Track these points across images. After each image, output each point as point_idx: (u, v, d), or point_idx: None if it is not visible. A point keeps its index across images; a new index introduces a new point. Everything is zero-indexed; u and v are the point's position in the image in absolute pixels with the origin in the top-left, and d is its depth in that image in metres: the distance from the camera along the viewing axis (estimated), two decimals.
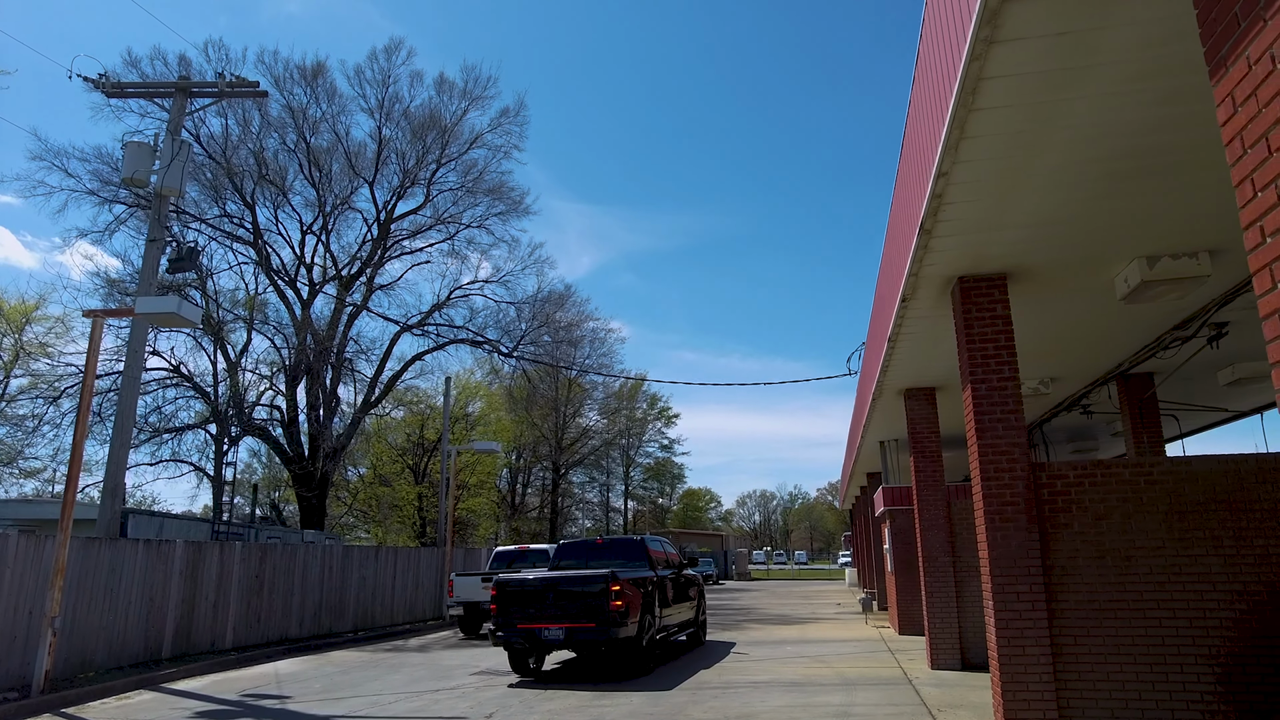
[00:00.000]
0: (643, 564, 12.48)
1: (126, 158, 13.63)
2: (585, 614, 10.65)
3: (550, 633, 10.75)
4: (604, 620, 10.57)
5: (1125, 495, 6.77)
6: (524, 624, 10.89)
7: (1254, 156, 2.40)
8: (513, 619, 10.96)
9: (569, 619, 10.71)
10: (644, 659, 11.27)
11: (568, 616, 10.72)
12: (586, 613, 10.65)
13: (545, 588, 10.99)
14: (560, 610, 10.79)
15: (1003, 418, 7.01)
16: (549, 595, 10.92)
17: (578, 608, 10.72)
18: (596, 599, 10.65)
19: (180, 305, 10.51)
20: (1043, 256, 6.87)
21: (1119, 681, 6.45)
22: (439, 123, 28.75)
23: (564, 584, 10.93)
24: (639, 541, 13.21)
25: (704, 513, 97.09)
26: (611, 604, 10.60)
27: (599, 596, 10.65)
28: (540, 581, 11.10)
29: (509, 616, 10.98)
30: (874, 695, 9.25)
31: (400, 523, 39.52)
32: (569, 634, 10.68)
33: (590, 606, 10.65)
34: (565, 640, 10.76)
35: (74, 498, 10.41)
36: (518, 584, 11.18)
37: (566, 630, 10.67)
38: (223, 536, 19.58)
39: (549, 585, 11.00)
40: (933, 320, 8.56)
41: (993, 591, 6.74)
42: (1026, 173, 5.31)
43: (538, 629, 10.81)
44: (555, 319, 32.91)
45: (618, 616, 10.58)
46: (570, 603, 10.77)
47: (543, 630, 10.79)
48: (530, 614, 10.92)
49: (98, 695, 10.25)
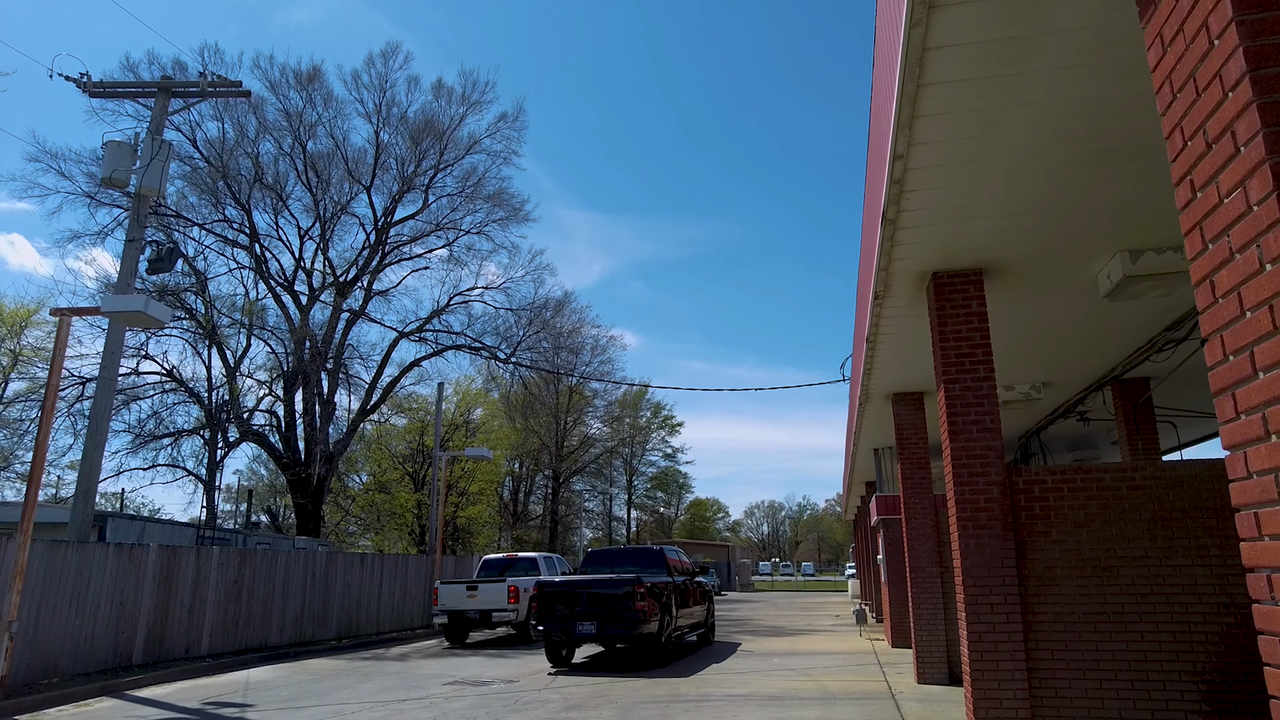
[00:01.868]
0: (661, 571, 13.98)
1: (106, 157, 13.49)
2: (614, 612, 12.26)
3: (584, 627, 12.36)
4: (630, 618, 12.18)
5: (1106, 502, 6.42)
6: (561, 620, 12.53)
7: (1183, 101, 2.10)
8: (552, 616, 12.61)
9: (600, 617, 12.33)
10: (663, 653, 12.87)
11: (599, 614, 12.34)
12: (615, 611, 12.25)
13: (580, 589, 12.60)
14: (592, 609, 12.40)
15: (978, 419, 6.68)
16: (583, 596, 12.52)
17: (607, 607, 12.31)
18: (624, 600, 12.23)
19: (147, 304, 10.30)
20: (1018, 250, 6.55)
21: (1098, 699, 6.08)
22: (436, 128, 28.65)
23: (596, 586, 12.52)
24: (659, 551, 14.76)
25: (711, 523, 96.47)
26: (637, 605, 12.19)
27: (626, 598, 12.22)
28: (576, 584, 12.73)
29: (549, 613, 12.65)
30: (853, 711, 8.88)
31: (398, 530, 39.29)
32: (600, 628, 12.30)
33: (618, 606, 12.24)
34: (596, 634, 12.37)
35: (35, 499, 10.18)
36: (556, 586, 12.84)
37: (598, 625, 12.30)
38: (208, 542, 19.37)
39: (583, 587, 12.60)
40: (913, 320, 8.23)
41: (965, 602, 6.40)
42: (990, 155, 5.00)
43: (573, 624, 12.43)
44: (553, 325, 32.65)
45: (642, 615, 12.20)
46: (601, 603, 12.37)
47: (577, 625, 12.41)
48: (567, 612, 12.55)
49: (56, 702, 9.99)
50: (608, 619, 12.27)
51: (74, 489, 12.98)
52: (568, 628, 12.45)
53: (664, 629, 12.89)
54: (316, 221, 28.91)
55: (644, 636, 12.34)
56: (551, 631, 12.60)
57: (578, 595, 12.56)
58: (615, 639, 12.43)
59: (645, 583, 12.45)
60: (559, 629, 12.52)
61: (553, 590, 12.81)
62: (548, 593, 12.83)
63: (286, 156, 28.03)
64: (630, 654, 14.14)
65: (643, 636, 12.32)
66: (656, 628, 12.56)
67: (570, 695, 10.21)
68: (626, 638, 12.30)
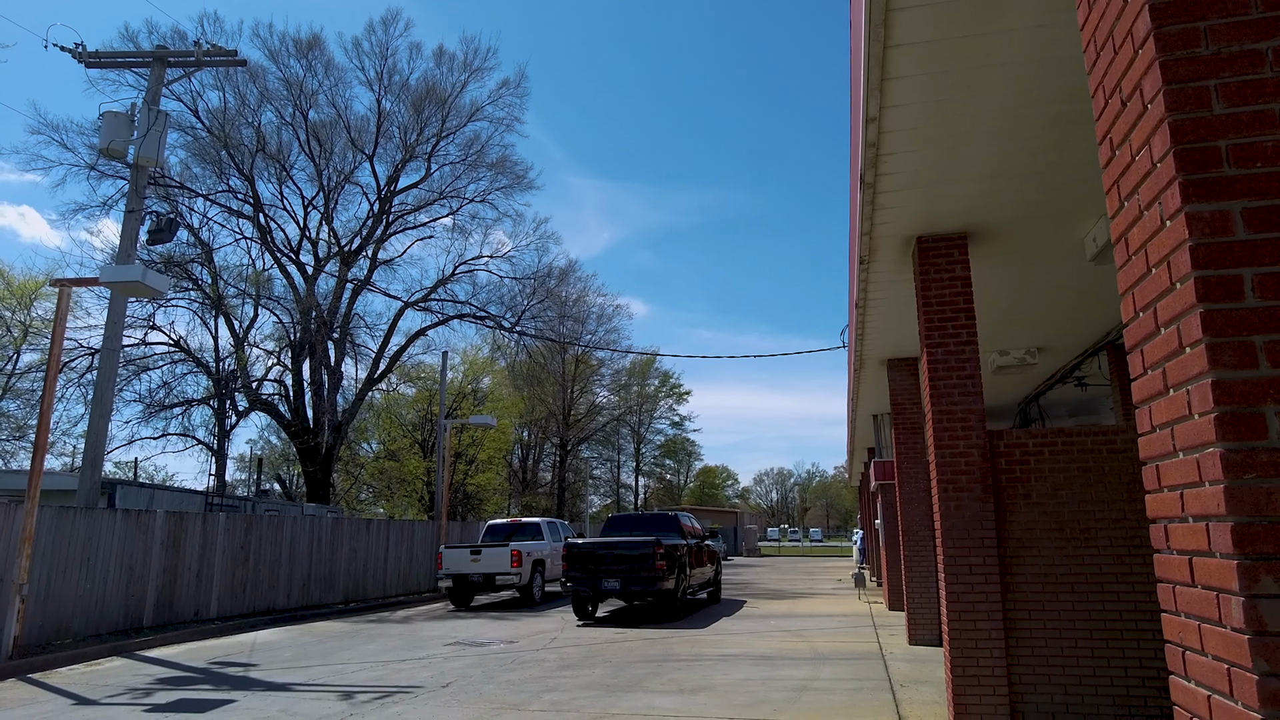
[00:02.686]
0: (676, 534, 15.22)
1: (104, 128, 13.52)
2: (636, 570, 13.63)
3: (608, 583, 13.75)
4: (650, 576, 13.52)
5: (1086, 465, 6.46)
6: (588, 577, 13.89)
7: (1104, 59, 2.11)
8: (580, 573, 14.01)
9: (623, 574, 13.69)
10: (678, 608, 14.28)
11: (622, 572, 13.70)
12: (637, 569, 13.62)
13: (605, 550, 13.98)
14: (616, 567, 13.76)
15: (959, 383, 6.71)
16: (608, 556, 13.89)
17: (630, 566, 13.67)
18: (645, 559, 13.59)
19: (145, 274, 10.39)
20: (1003, 213, 6.52)
21: (1073, 657, 6.18)
22: (438, 95, 28.46)
23: (619, 547, 13.86)
24: (674, 516, 16.07)
25: (720, 490, 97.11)
26: (656, 564, 13.55)
27: (647, 557, 13.58)
28: (601, 545, 14.11)
29: (577, 571, 14.06)
30: (841, 670, 9.05)
31: (408, 497, 39.77)
32: (623, 584, 13.66)
33: (640, 565, 13.59)
34: (620, 590, 13.71)
35: (41, 466, 10.40)
36: (584, 546, 14.19)
37: (621, 581, 13.66)
38: (216, 509, 19.71)
39: (608, 548, 13.97)
40: (901, 285, 8.22)
41: (945, 563, 6.49)
42: (966, 118, 4.97)
43: (599, 580, 13.80)
44: (558, 294, 32.67)
45: (661, 573, 13.54)
46: (624, 562, 13.73)
47: (603, 581, 13.78)
48: (593, 569, 13.92)
49: (68, 661, 10.30)
50: (630, 576, 13.63)
51: (75, 457, 13.21)
52: (594, 584, 13.83)
53: (679, 586, 14.20)
54: (320, 191, 28.93)
55: (662, 592, 13.67)
56: (579, 587, 13.95)
57: (603, 555, 13.93)
58: (636, 594, 13.82)
59: (664, 544, 13.76)
60: (586, 585, 13.88)
61: (580, 550, 14.14)
62: (576, 553, 14.15)
63: (288, 126, 27.98)
64: (646, 609, 15.52)
65: (661, 592, 13.66)
66: (673, 584, 13.87)
67: (566, 655, 10.44)
68: (647, 593, 13.72)
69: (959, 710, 6.23)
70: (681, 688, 8.14)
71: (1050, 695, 6.15)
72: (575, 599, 14.32)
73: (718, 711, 7.04)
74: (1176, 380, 1.79)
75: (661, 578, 13.55)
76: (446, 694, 8.03)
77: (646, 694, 7.87)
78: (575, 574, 14.09)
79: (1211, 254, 1.68)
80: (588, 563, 14.02)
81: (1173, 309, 1.78)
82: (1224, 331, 1.64)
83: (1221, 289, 1.66)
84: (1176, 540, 1.85)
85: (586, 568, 13.99)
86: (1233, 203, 1.68)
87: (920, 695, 7.63)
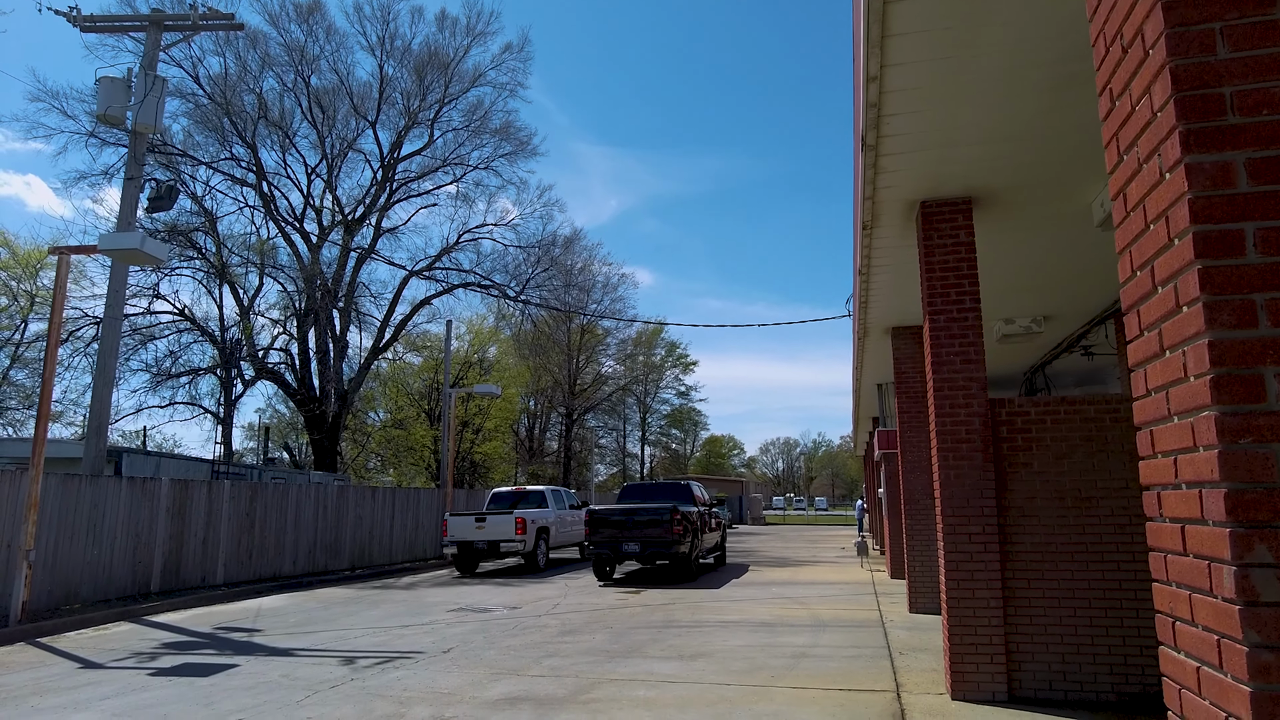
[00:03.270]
0: (689, 502, 16.15)
1: (100, 94, 13.37)
2: (654, 535, 14.64)
3: (628, 546, 14.77)
4: (668, 540, 14.54)
5: (1089, 434, 6.39)
6: (610, 541, 14.89)
7: (1105, 6, 2.00)
8: (601, 537, 15.02)
9: (642, 538, 14.69)
10: (692, 570, 15.38)
11: (641, 537, 14.71)
12: (655, 534, 14.63)
13: (625, 515, 14.92)
14: (636, 532, 14.74)
15: (961, 350, 6.62)
16: (628, 521, 14.85)
17: (649, 530, 14.68)
18: (663, 524, 14.59)
19: (143, 241, 10.34)
20: (1008, 177, 6.38)
21: (1071, 626, 6.17)
22: (440, 60, 28.09)
23: (639, 514, 14.83)
24: (686, 485, 17.10)
25: (726, 459, 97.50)
26: (674, 529, 14.54)
27: (665, 523, 14.59)
28: (621, 511, 15.03)
29: (599, 535, 15.06)
30: (840, 637, 9.08)
31: (415, 465, 40.01)
32: (642, 547, 14.69)
33: (658, 530, 14.60)
34: (640, 553, 14.73)
35: (44, 434, 10.44)
36: (605, 513, 15.19)
37: (640, 544, 14.67)
38: (222, 477, 19.85)
39: (628, 514, 14.92)
40: (905, 251, 8.09)
41: (944, 532, 6.45)
42: (968, 77, 4.83)
43: (620, 544, 14.79)
44: (562, 262, 32.51)
45: (677, 538, 14.55)
46: (643, 527, 14.74)
47: (623, 545, 14.78)
48: (614, 534, 14.89)
49: (75, 626, 10.43)
50: (649, 540, 14.67)
51: (79, 425, 13.26)
52: (615, 547, 14.86)
53: (693, 549, 15.30)
54: (323, 159, 28.71)
55: (678, 555, 14.75)
56: (601, 550, 15.03)
57: (623, 521, 14.91)
58: (654, 556, 14.83)
59: (680, 510, 14.79)
60: (608, 548, 14.94)
61: (602, 516, 15.18)
62: (598, 518, 15.20)
63: (290, 92, 27.69)
64: (655, 573, 16.49)
65: (677, 555, 14.74)
66: (688, 548, 14.98)
67: (568, 621, 10.51)
68: (665, 555, 14.73)
69: (956, 678, 6.24)
70: (681, 654, 8.18)
71: (1048, 664, 6.15)
72: (596, 561, 15.26)
73: (714, 678, 7.07)
74: (1173, 341, 1.71)
75: (678, 542, 14.56)
76: (447, 659, 8.09)
77: (645, 660, 7.91)
78: (597, 538, 15.06)
79: (1212, 207, 1.59)
80: (609, 528, 14.97)
81: (1170, 266, 1.70)
82: (1223, 289, 1.56)
83: (1222, 244, 1.57)
84: (1169, 507, 1.79)
85: (608, 533, 14.96)
86: (1236, 153, 1.59)
87: (919, 663, 7.65)
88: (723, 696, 6.42)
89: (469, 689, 6.81)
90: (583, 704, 6.26)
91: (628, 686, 6.79)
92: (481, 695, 6.59)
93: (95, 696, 6.77)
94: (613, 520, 14.98)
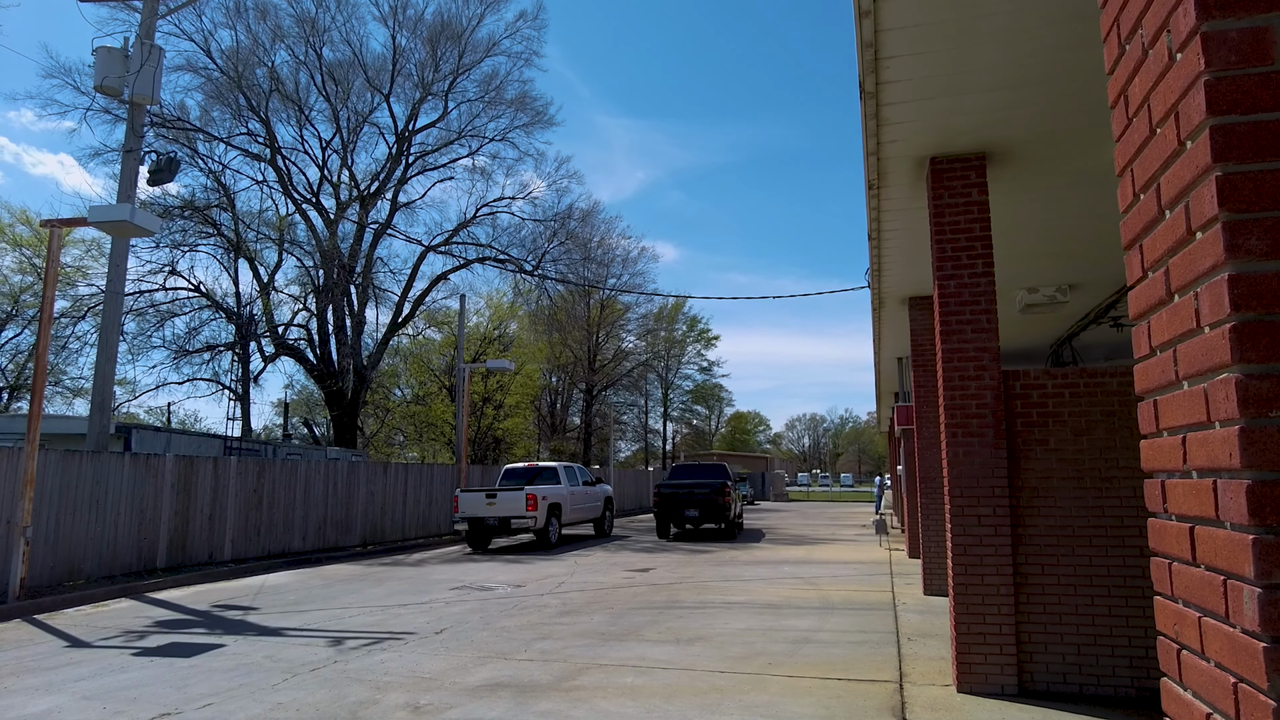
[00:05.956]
0: (728, 479, 20.58)
1: (97, 64, 13.13)
2: (709, 504, 19.32)
3: (690, 513, 19.46)
4: (720, 507, 19.31)
5: (1111, 409, 5.89)
6: (674, 509, 19.54)
7: None
8: (666, 506, 19.63)
9: (699, 507, 19.38)
10: (735, 532, 20.48)
11: (698, 506, 19.39)
12: (710, 504, 19.31)
13: (687, 489, 19.57)
14: (694, 503, 19.42)
15: (972, 319, 6.14)
16: (689, 494, 19.48)
17: (705, 501, 19.36)
18: (715, 496, 19.35)
19: (133, 213, 10.11)
20: (1024, 129, 5.85)
21: (1089, 615, 5.72)
22: (454, 30, 27.60)
23: (697, 489, 19.54)
24: (723, 466, 22.12)
25: (751, 436, 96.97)
26: (725, 499, 19.30)
27: (717, 494, 19.37)
28: (683, 486, 19.69)
29: (665, 506, 19.65)
30: (848, 621, 8.70)
31: (436, 440, 40.07)
32: (700, 514, 19.40)
33: (712, 500, 19.31)
34: (698, 518, 19.45)
35: (39, 409, 10.32)
36: (670, 488, 19.80)
37: (699, 512, 19.38)
38: (235, 453, 19.85)
39: (689, 489, 19.57)
40: (917, 213, 7.58)
41: (952, 513, 6.02)
42: (974, 9, 4.32)
43: (683, 511, 19.48)
44: (579, 236, 32.05)
45: (727, 507, 19.35)
46: (699, 499, 19.40)
47: (685, 511, 19.47)
48: (678, 504, 19.54)
49: (76, 602, 10.36)
50: (705, 508, 19.26)
51: (89, 401, 13.20)
52: (679, 514, 19.49)
53: (737, 517, 20.82)
54: (338, 133, 28.45)
55: (728, 520, 19.56)
56: (668, 516, 19.65)
57: (684, 495, 19.47)
58: (707, 520, 19.41)
59: (727, 485, 19.57)
60: (673, 514, 19.57)
61: (668, 491, 19.71)
62: (664, 493, 19.71)
63: (304, 66, 27.40)
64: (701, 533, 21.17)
65: (728, 519, 19.53)
66: (733, 515, 19.94)
67: (569, 601, 10.24)
68: (716, 519, 19.33)
69: (963, 669, 5.84)
70: (678, 637, 7.86)
71: (1062, 655, 5.72)
72: (660, 524, 19.94)
73: (709, 664, 6.73)
74: (1182, 281, 1.28)
75: (727, 510, 19.28)
76: (437, 641, 7.85)
77: (641, 643, 7.60)
78: (664, 507, 19.61)
79: (1237, 90, 1.15)
80: (673, 499, 19.57)
81: (1180, 179, 1.27)
82: (1250, 204, 1.13)
83: (1249, 142, 1.14)
84: (1175, 502, 1.37)
85: (672, 503, 19.55)
86: (1273, 14, 1.15)
87: (927, 650, 7.25)
88: (714, 685, 6.08)
89: (451, 673, 6.54)
90: (565, 691, 5.95)
91: (616, 673, 6.48)
92: (463, 680, 6.31)
93: (71, 678, 6.60)
94: (677, 494, 19.54)
